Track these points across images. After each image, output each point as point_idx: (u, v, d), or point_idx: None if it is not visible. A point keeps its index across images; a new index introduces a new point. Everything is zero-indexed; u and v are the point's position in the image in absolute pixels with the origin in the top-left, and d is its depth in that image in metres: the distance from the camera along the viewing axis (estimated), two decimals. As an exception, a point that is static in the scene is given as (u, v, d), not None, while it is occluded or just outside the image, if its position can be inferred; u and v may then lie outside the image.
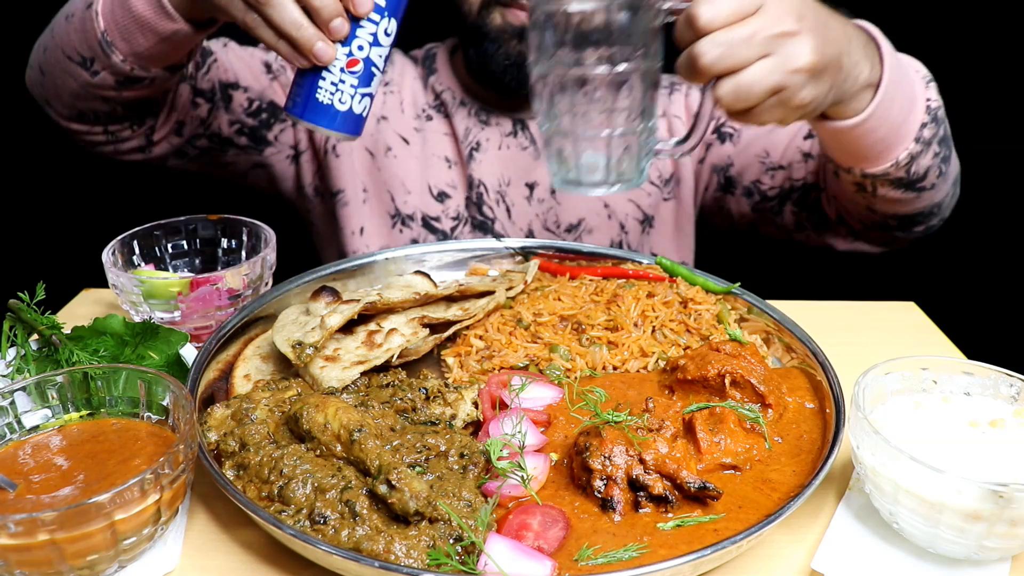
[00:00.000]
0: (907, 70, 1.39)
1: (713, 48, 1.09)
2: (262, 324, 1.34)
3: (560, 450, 1.06)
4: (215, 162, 1.85)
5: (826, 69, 1.16)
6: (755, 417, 1.07)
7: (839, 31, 1.20)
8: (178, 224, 1.51)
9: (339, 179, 1.89)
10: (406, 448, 0.98)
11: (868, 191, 1.51)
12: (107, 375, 1.04)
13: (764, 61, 1.10)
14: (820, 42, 1.13)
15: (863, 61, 1.26)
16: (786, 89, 1.12)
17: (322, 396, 1.05)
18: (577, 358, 1.25)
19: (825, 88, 1.18)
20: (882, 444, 0.91)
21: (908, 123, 1.37)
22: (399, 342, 1.22)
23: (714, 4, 1.09)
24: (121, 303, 1.37)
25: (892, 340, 1.45)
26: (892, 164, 1.41)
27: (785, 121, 1.18)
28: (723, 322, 1.32)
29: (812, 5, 1.16)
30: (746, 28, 1.09)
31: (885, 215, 1.58)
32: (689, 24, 1.11)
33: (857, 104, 1.30)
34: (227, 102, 1.77)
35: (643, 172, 1.27)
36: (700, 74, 1.12)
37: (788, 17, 1.11)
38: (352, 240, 1.89)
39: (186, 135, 1.72)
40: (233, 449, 1.01)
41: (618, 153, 1.21)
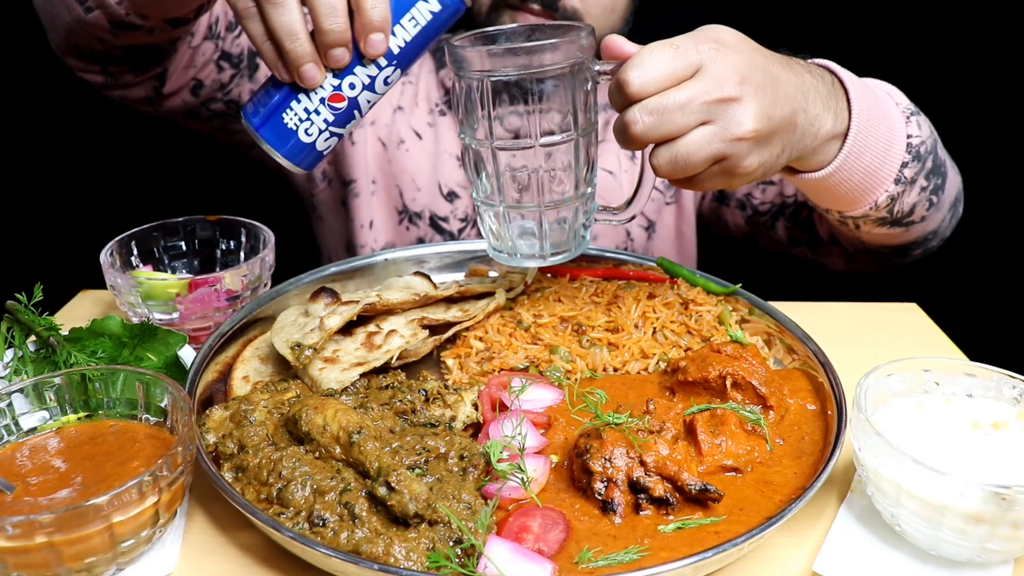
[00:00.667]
0: (883, 108, 1.30)
1: (644, 116, 1.03)
2: (261, 325, 1.34)
3: (560, 452, 1.06)
4: (226, 128, 1.83)
5: (774, 133, 1.09)
6: (756, 419, 1.07)
7: (792, 86, 1.12)
8: (176, 225, 1.51)
9: (352, 168, 1.86)
10: (405, 450, 0.98)
11: (851, 227, 1.47)
12: (105, 377, 1.04)
13: (702, 129, 1.04)
14: (766, 105, 1.06)
15: (824, 113, 1.18)
16: (728, 158, 1.06)
17: (321, 398, 1.05)
18: (577, 360, 1.25)
19: (775, 151, 1.11)
20: (884, 446, 0.91)
21: (885, 166, 1.30)
22: (398, 343, 1.22)
23: (644, 68, 1.02)
24: (119, 304, 1.38)
25: (894, 342, 1.45)
26: (871, 207, 1.35)
27: (732, 187, 1.13)
28: (724, 323, 1.32)
29: (759, 63, 1.09)
30: (681, 94, 1.03)
31: (877, 245, 1.55)
32: (619, 89, 1.04)
33: (822, 157, 1.23)
34: (252, 71, 1.73)
35: (583, 240, 1.24)
36: (633, 142, 1.06)
37: (728, 81, 1.04)
38: (361, 233, 1.87)
39: (203, 96, 1.69)
40: (232, 451, 1.01)
41: (552, 224, 1.18)
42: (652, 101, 1.03)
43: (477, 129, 1.14)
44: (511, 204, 1.17)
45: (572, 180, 1.16)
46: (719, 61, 1.04)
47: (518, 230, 1.21)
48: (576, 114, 1.12)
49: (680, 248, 1.95)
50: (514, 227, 1.20)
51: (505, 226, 1.21)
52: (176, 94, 1.65)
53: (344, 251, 1.96)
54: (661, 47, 1.04)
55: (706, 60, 1.04)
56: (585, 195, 1.19)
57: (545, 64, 1.07)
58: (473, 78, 1.10)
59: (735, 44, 1.07)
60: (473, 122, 1.14)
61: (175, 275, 1.51)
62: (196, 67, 1.63)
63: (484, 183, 1.19)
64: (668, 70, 1.03)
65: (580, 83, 1.11)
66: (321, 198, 1.96)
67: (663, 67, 1.03)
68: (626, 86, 1.03)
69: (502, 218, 1.20)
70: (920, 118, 1.37)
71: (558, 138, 1.12)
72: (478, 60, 1.09)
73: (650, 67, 1.02)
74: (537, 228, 1.19)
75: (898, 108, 1.34)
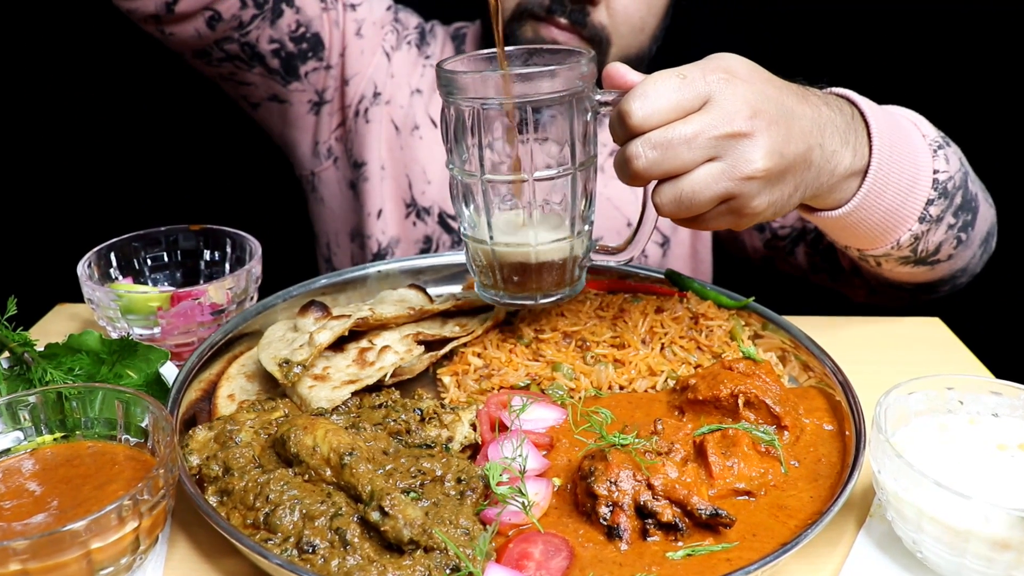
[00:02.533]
0: (908, 142, 1.26)
1: (647, 150, 1.01)
2: (247, 341, 1.34)
3: (563, 475, 1.06)
4: (234, 77, 1.82)
5: (787, 171, 1.06)
6: (770, 440, 1.07)
7: (808, 120, 1.10)
8: (158, 235, 1.52)
9: (365, 149, 1.86)
10: (400, 472, 0.98)
11: (872, 264, 1.45)
12: (82, 395, 1.04)
13: (709, 166, 1.02)
14: (779, 141, 1.04)
15: (842, 149, 1.15)
16: (736, 197, 1.04)
17: (311, 417, 1.05)
18: (581, 377, 1.25)
19: (787, 191, 1.09)
20: (905, 468, 0.91)
21: (908, 204, 1.27)
22: (392, 360, 1.23)
23: (648, 98, 1.01)
24: (97, 319, 1.38)
25: (915, 358, 1.45)
26: (892, 246, 1.32)
27: (739, 227, 1.11)
28: (736, 339, 1.33)
29: (772, 95, 1.06)
30: (687, 127, 1.01)
31: (899, 282, 1.53)
32: (621, 121, 1.03)
33: (840, 195, 1.21)
34: (276, 16, 1.73)
35: (579, 280, 1.22)
36: (635, 178, 1.04)
37: (738, 115, 1.02)
38: (369, 222, 1.86)
39: (218, 32, 1.68)
40: (216, 473, 1.01)
41: (545, 264, 1.16)
42: (656, 134, 1.01)
43: (467, 159, 1.12)
44: (502, 241, 1.16)
45: (568, 217, 1.15)
46: (729, 93, 1.02)
47: (509, 268, 1.19)
48: (574, 146, 1.11)
49: (695, 267, 1.95)
50: (505, 265, 1.18)
51: (496, 264, 1.19)
52: (189, 19, 1.64)
53: (348, 239, 1.95)
54: (667, 76, 1.03)
55: (715, 91, 1.02)
56: (582, 233, 1.17)
57: (543, 92, 1.06)
58: (464, 104, 1.09)
59: (746, 74, 1.06)
60: (462, 151, 1.12)
61: (156, 288, 1.51)
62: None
63: (473, 217, 1.17)
64: (674, 101, 1.01)
65: (580, 113, 1.10)
66: (324, 178, 1.95)
67: (668, 98, 1.01)
68: (628, 117, 1.01)
69: (492, 255, 1.18)
70: (949, 150, 1.33)
71: (554, 172, 1.11)
72: (470, 85, 1.08)
73: (655, 98, 1.01)
74: (528, 268, 1.17)
75: (924, 140, 1.31)
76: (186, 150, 2.79)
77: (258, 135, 2.18)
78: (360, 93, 1.88)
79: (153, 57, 2.33)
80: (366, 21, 1.88)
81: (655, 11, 1.80)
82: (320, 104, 1.89)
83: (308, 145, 1.94)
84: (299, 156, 1.98)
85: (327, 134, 1.91)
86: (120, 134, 2.77)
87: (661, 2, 1.80)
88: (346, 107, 1.89)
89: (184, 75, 2.25)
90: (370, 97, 1.89)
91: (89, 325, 1.48)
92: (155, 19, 1.65)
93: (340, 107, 1.90)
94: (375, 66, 1.89)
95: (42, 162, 2.82)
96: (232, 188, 2.75)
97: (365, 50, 1.88)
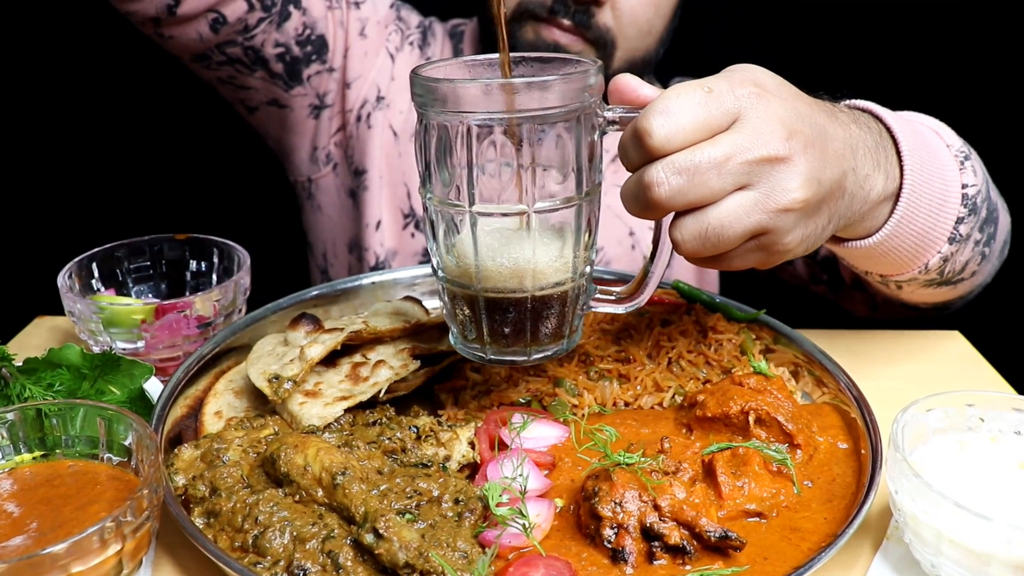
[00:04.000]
0: (935, 156, 1.21)
1: (671, 176, 0.91)
2: (235, 355, 1.35)
3: (566, 495, 1.06)
4: (233, 81, 1.81)
5: (823, 201, 0.99)
6: (782, 459, 1.08)
7: (841, 140, 1.03)
8: (142, 244, 1.53)
9: (365, 156, 1.85)
10: (395, 493, 0.98)
11: (892, 289, 1.41)
12: (63, 412, 1.04)
13: (740, 196, 0.93)
14: (816, 166, 0.96)
15: (875, 172, 1.09)
16: (769, 232, 0.96)
17: (302, 435, 1.06)
18: (585, 393, 1.26)
19: (821, 223, 1.01)
20: (923, 488, 0.91)
21: (939, 225, 1.22)
22: (387, 375, 1.23)
23: (671, 115, 0.91)
24: (78, 332, 1.38)
25: (934, 373, 1.45)
26: (920, 270, 1.28)
27: (764, 266, 1.02)
28: (747, 353, 1.33)
29: (805, 112, 0.98)
30: (716, 149, 0.91)
31: (916, 304, 1.50)
32: (638, 141, 0.93)
33: (871, 223, 1.16)
34: (283, 20, 1.72)
35: (576, 332, 1.13)
36: (653, 209, 0.94)
37: (774, 135, 0.93)
38: (367, 234, 1.85)
39: (222, 35, 1.67)
40: (203, 494, 1.02)
41: (540, 313, 1.06)
42: (680, 157, 0.91)
43: (450, 187, 1.00)
44: (490, 287, 1.04)
45: (571, 255, 1.04)
46: (761, 110, 0.94)
47: (498, 319, 1.07)
48: (581, 171, 1.00)
49: (701, 277, 1.95)
50: (493, 315, 1.07)
51: (482, 315, 1.07)
52: (191, 22, 1.61)
53: (346, 250, 1.95)
54: (690, 89, 0.93)
55: (745, 108, 0.94)
56: (584, 276, 1.08)
57: (548, 106, 0.95)
58: (449, 120, 0.97)
59: (776, 88, 0.99)
60: (445, 177, 1.00)
61: (140, 300, 1.52)
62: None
63: (454, 257, 1.04)
64: (700, 118, 0.92)
65: (586, 132, 0.99)
66: (322, 185, 1.94)
67: (694, 114, 0.92)
68: (648, 137, 0.91)
69: (477, 303, 1.06)
70: (973, 160, 1.29)
71: (558, 202, 1.00)
72: (451, 97, 0.96)
73: (678, 114, 0.91)
74: (521, 318, 1.06)
75: (949, 152, 1.26)
76: (171, 155, 2.79)
77: (246, 139, 2.19)
78: (363, 97, 1.89)
79: (137, 58, 2.34)
80: (370, 20, 1.89)
81: (663, 12, 1.79)
82: (320, 108, 1.89)
83: (306, 150, 1.94)
84: (296, 162, 1.98)
85: (326, 139, 1.91)
86: (102, 139, 2.77)
87: (669, 3, 1.80)
88: (347, 111, 1.89)
89: (170, 77, 2.26)
90: (373, 101, 1.89)
91: (70, 339, 1.48)
92: (155, 22, 1.64)
93: (341, 110, 1.90)
94: (378, 68, 1.89)
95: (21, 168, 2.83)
96: (219, 195, 2.75)
97: (368, 51, 1.88)
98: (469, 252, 1.02)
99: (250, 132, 2.05)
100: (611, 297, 1.12)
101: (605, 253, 1.89)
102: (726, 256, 0.98)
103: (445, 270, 1.07)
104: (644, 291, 1.10)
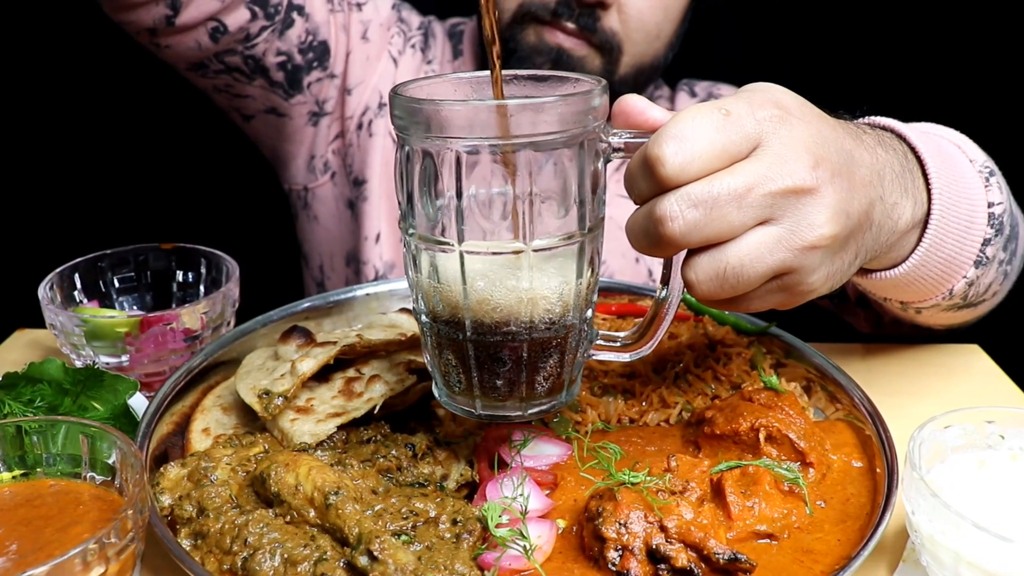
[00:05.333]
0: (961, 175, 1.18)
1: (686, 209, 0.85)
2: (223, 370, 1.35)
3: (568, 516, 1.07)
4: (230, 90, 1.81)
5: (851, 235, 0.94)
6: (794, 478, 1.08)
7: (868, 166, 0.98)
8: (126, 254, 1.53)
9: (367, 166, 1.85)
10: (390, 514, 0.99)
11: (911, 314, 1.39)
12: (44, 429, 1.04)
13: (761, 232, 0.88)
14: (844, 197, 0.91)
15: (903, 198, 1.06)
16: (793, 272, 0.91)
17: (293, 454, 1.06)
18: (588, 409, 1.26)
19: (847, 259, 0.97)
20: (941, 509, 0.91)
21: (965, 250, 1.20)
22: (382, 391, 1.23)
23: (686, 141, 0.85)
24: (60, 346, 1.39)
25: (952, 388, 1.46)
26: (944, 296, 1.26)
27: (784, 307, 0.98)
28: (757, 368, 1.33)
29: (830, 137, 0.93)
30: (736, 179, 0.86)
31: (932, 326, 1.48)
32: (648, 170, 0.87)
33: (897, 253, 1.13)
34: (286, 27, 1.72)
35: (574, 384, 1.08)
36: (664, 246, 0.89)
37: (799, 163, 0.88)
38: (366, 247, 1.85)
39: (221, 44, 1.67)
40: (190, 514, 1.02)
41: (537, 364, 1.01)
42: (696, 188, 0.86)
43: (435, 222, 0.94)
44: (480, 332, 0.97)
45: (571, 298, 0.98)
46: (784, 135, 0.89)
47: (489, 369, 1.01)
48: (583, 204, 0.94)
49: None
50: (484, 365, 1.01)
51: (471, 364, 1.01)
52: (190, 31, 1.61)
53: (343, 263, 1.95)
54: (706, 112, 0.88)
55: (767, 133, 0.89)
56: (585, 320, 1.02)
57: (543, 131, 0.88)
58: (433, 146, 0.90)
59: (799, 111, 0.93)
60: (429, 210, 0.93)
61: (124, 312, 1.52)
62: (225, 6, 1.60)
63: (438, 300, 0.98)
64: (718, 145, 0.86)
65: (588, 160, 0.93)
66: (319, 194, 1.94)
67: (712, 140, 0.86)
68: (660, 165, 0.86)
69: (466, 352, 1.00)
70: (998, 176, 1.26)
71: (557, 239, 0.94)
72: (436, 120, 0.88)
73: (693, 140, 0.86)
74: (515, 368, 1.00)
75: (974, 168, 1.23)
76: (157, 161, 2.80)
77: (236, 143, 2.19)
78: (364, 104, 1.89)
79: (123, 59, 2.34)
80: (372, 23, 1.89)
81: (672, 16, 1.78)
82: (319, 115, 1.89)
83: (303, 158, 1.94)
84: (292, 170, 1.98)
85: (324, 147, 1.91)
86: (84, 144, 2.78)
87: (679, 6, 1.79)
88: (347, 118, 1.89)
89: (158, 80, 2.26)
90: (375, 108, 1.89)
91: (51, 353, 1.49)
92: (151, 32, 1.64)
93: (340, 117, 1.90)
94: (380, 73, 1.90)
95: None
96: (208, 203, 2.75)
97: (371, 56, 1.88)
98: (456, 294, 0.96)
99: (240, 137, 2.05)
100: (615, 344, 1.07)
101: (608, 266, 1.88)
102: (745, 298, 0.94)
103: (429, 313, 1.01)
104: (652, 338, 1.05)
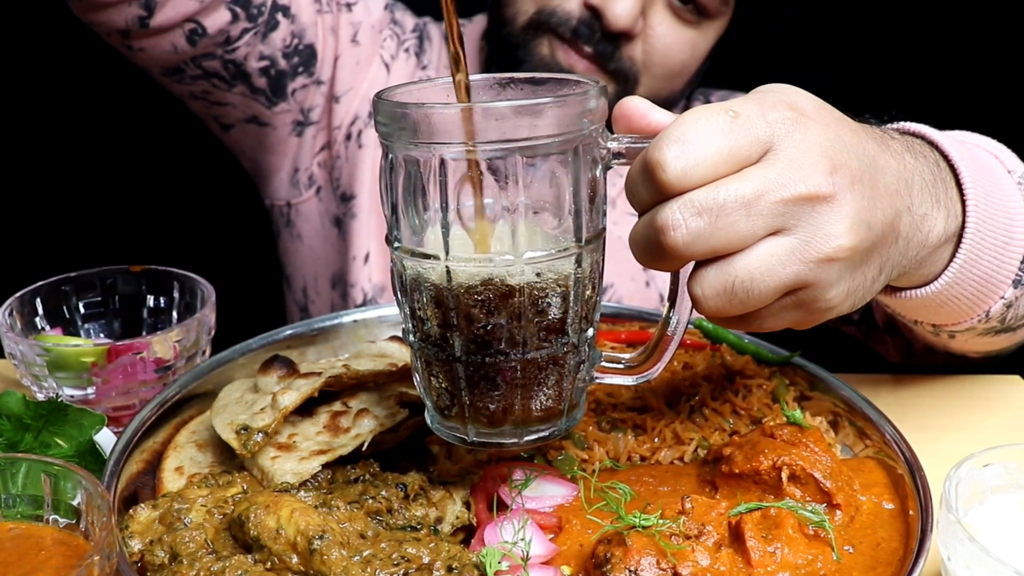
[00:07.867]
0: (998, 187, 1.17)
1: (690, 217, 0.84)
2: (198, 403, 1.35)
3: (574, 562, 1.07)
4: (208, 97, 1.82)
5: (873, 248, 0.93)
6: (820, 520, 1.08)
7: (894, 173, 0.97)
8: (92, 277, 1.53)
9: (356, 180, 1.86)
10: (380, 560, 0.99)
11: (944, 339, 1.38)
12: (2, 468, 1.04)
13: (773, 242, 0.87)
14: (865, 205, 0.90)
15: (934, 210, 1.05)
16: (809, 287, 0.90)
17: (274, 494, 1.06)
18: (595, 446, 1.26)
19: (871, 274, 0.96)
20: (980, 555, 0.91)
21: (1003, 268, 1.18)
22: (371, 426, 1.23)
23: (689, 144, 0.85)
24: (20, 377, 1.39)
25: (991, 423, 1.46)
26: (979, 319, 1.25)
27: (802, 326, 0.97)
28: (779, 401, 1.33)
29: (850, 142, 0.92)
30: (744, 186, 0.85)
31: (966, 353, 1.48)
32: (649, 176, 0.87)
33: (929, 269, 1.12)
34: (270, 30, 1.73)
35: (578, 407, 1.08)
36: (667, 258, 0.88)
37: (814, 169, 0.87)
38: (353, 268, 1.86)
39: (199, 48, 1.67)
40: (162, 560, 1.02)
41: (533, 387, 1.00)
42: (701, 195, 0.85)
43: (420, 234, 0.95)
44: (473, 353, 0.98)
45: (571, 317, 0.98)
46: (798, 139, 0.88)
47: (481, 394, 1.01)
48: (579, 214, 0.94)
49: None
50: (477, 389, 1.00)
51: (462, 387, 1.01)
52: (166, 33, 1.62)
53: (328, 285, 1.95)
54: (712, 114, 0.87)
55: (779, 136, 0.88)
56: (586, 340, 1.02)
57: (536, 135, 0.88)
58: (419, 153, 0.91)
59: (815, 113, 0.92)
60: (414, 222, 0.95)
61: (91, 340, 1.52)
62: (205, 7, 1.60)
63: (426, 318, 0.99)
64: (725, 149, 0.86)
65: (585, 166, 0.93)
66: (303, 210, 1.95)
67: (717, 144, 0.85)
68: (661, 170, 0.85)
69: (458, 375, 1.00)
70: None
71: (552, 252, 0.94)
72: (422, 125, 0.89)
73: (697, 144, 0.85)
74: (510, 391, 1.00)
75: (1012, 179, 1.22)
76: (126, 176, 2.80)
77: (214, 156, 2.19)
78: (353, 113, 1.90)
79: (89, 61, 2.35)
80: (363, 25, 1.90)
81: (698, 55, 1.78)
82: (304, 125, 1.89)
83: (287, 172, 1.94)
84: (274, 184, 1.98)
85: (309, 159, 1.91)
86: (44, 156, 2.78)
87: (706, 45, 1.78)
88: (334, 128, 1.89)
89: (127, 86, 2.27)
90: (364, 118, 1.90)
91: (11, 385, 1.49)
92: (123, 34, 1.64)
93: (326, 127, 1.90)
94: (371, 80, 1.91)
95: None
96: (181, 221, 2.75)
97: (361, 60, 1.89)
98: (445, 310, 0.97)
99: (217, 148, 2.05)
100: (619, 365, 1.07)
101: (616, 291, 1.88)
102: (757, 315, 0.93)
103: (417, 332, 1.02)
104: (660, 360, 1.05)
